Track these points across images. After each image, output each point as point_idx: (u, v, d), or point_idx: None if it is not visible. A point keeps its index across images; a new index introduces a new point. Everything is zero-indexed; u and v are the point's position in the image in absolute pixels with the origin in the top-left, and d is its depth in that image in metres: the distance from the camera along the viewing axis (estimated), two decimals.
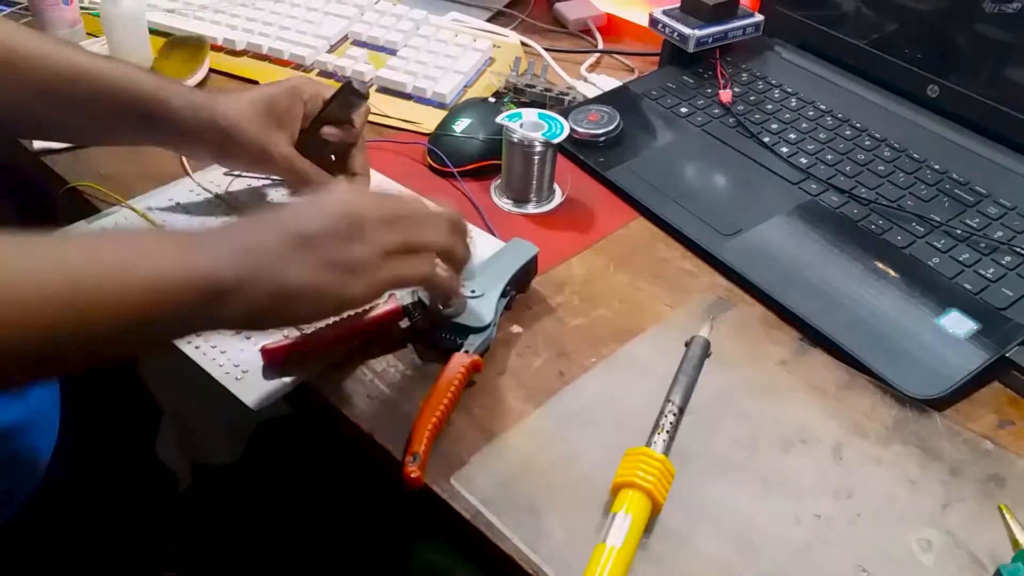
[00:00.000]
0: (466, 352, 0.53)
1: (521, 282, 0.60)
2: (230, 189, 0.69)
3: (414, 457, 0.47)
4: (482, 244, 0.65)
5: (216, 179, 0.70)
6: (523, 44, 0.92)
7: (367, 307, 0.54)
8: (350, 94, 0.62)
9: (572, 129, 0.71)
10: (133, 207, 0.66)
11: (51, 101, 0.58)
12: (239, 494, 0.80)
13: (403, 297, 0.56)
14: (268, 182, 0.70)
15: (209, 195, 0.68)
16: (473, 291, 0.56)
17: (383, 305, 0.55)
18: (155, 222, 0.65)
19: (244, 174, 0.70)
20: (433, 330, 0.55)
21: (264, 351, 0.53)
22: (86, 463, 0.68)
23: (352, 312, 0.53)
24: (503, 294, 0.57)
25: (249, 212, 0.60)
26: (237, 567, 0.75)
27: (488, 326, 0.54)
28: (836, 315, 0.59)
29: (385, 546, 0.73)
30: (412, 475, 0.47)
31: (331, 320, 0.53)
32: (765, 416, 0.53)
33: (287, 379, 0.54)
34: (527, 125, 0.67)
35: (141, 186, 0.69)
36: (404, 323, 0.56)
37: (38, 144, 0.72)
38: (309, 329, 0.54)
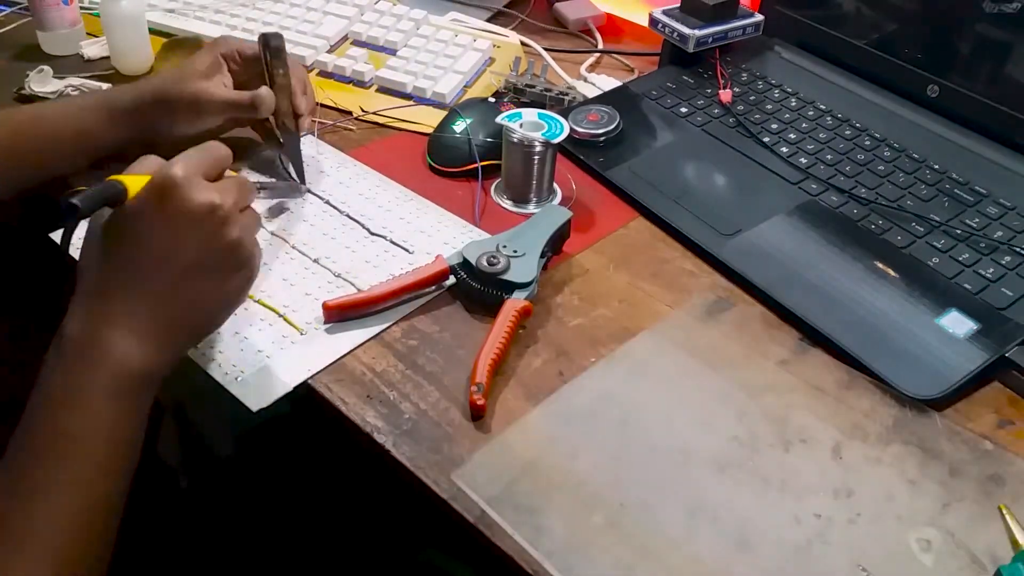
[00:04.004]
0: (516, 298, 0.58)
1: (556, 244, 0.64)
2: None
3: (478, 387, 0.52)
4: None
5: None
6: (523, 44, 0.92)
7: (416, 267, 0.60)
8: (267, 45, 0.67)
9: (572, 129, 0.71)
10: None
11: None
12: (240, 493, 0.81)
13: (450, 257, 0.60)
14: (264, 180, 0.70)
15: None
16: (515, 251, 0.60)
17: (432, 265, 0.60)
18: None
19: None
20: (479, 287, 0.59)
21: (325, 306, 0.57)
22: None
23: (403, 271, 0.61)
24: (542, 255, 0.61)
25: None
26: (238, 567, 0.75)
27: (532, 282, 0.59)
28: (836, 315, 0.59)
29: (388, 547, 0.73)
30: (478, 402, 0.51)
31: (384, 279, 0.60)
32: (765, 416, 0.53)
33: (287, 381, 0.54)
34: (527, 125, 0.67)
35: None
36: (450, 281, 0.61)
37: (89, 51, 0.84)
38: (365, 287, 0.60)
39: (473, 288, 0.59)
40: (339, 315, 0.58)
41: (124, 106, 0.65)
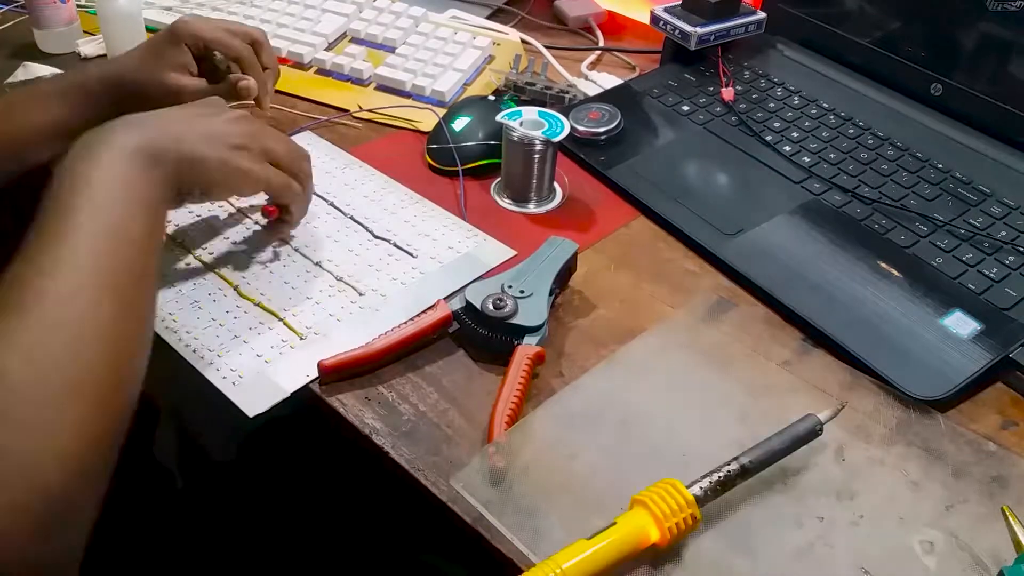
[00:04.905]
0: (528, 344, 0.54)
1: (563, 279, 0.61)
2: None
3: (496, 447, 0.49)
4: (467, 239, 0.65)
5: None
6: (523, 41, 0.91)
7: (414, 316, 0.57)
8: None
9: (572, 127, 0.70)
10: None
11: None
12: (237, 495, 0.80)
13: (453, 303, 0.57)
14: None
15: None
16: (522, 291, 0.57)
17: (433, 312, 0.56)
18: None
19: None
20: (486, 333, 0.55)
21: (322, 366, 0.53)
22: None
23: (401, 323, 0.56)
24: (550, 292, 0.57)
25: None
26: (235, 568, 0.75)
27: (543, 324, 0.55)
28: (839, 315, 0.59)
29: (387, 550, 0.73)
30: (498, 465, 0.48)
31: (381, 332, 0.56)
32: (767, 417, 0.53)
33: (285, 387, 0.53)
34: (527, 123, 0.66)
35: None
36: (453, 327, 0.57)
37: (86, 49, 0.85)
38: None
39: (479, 335, 0.55)
40: (336, 375, 0.54)
41: (95, 90, 0.66)
